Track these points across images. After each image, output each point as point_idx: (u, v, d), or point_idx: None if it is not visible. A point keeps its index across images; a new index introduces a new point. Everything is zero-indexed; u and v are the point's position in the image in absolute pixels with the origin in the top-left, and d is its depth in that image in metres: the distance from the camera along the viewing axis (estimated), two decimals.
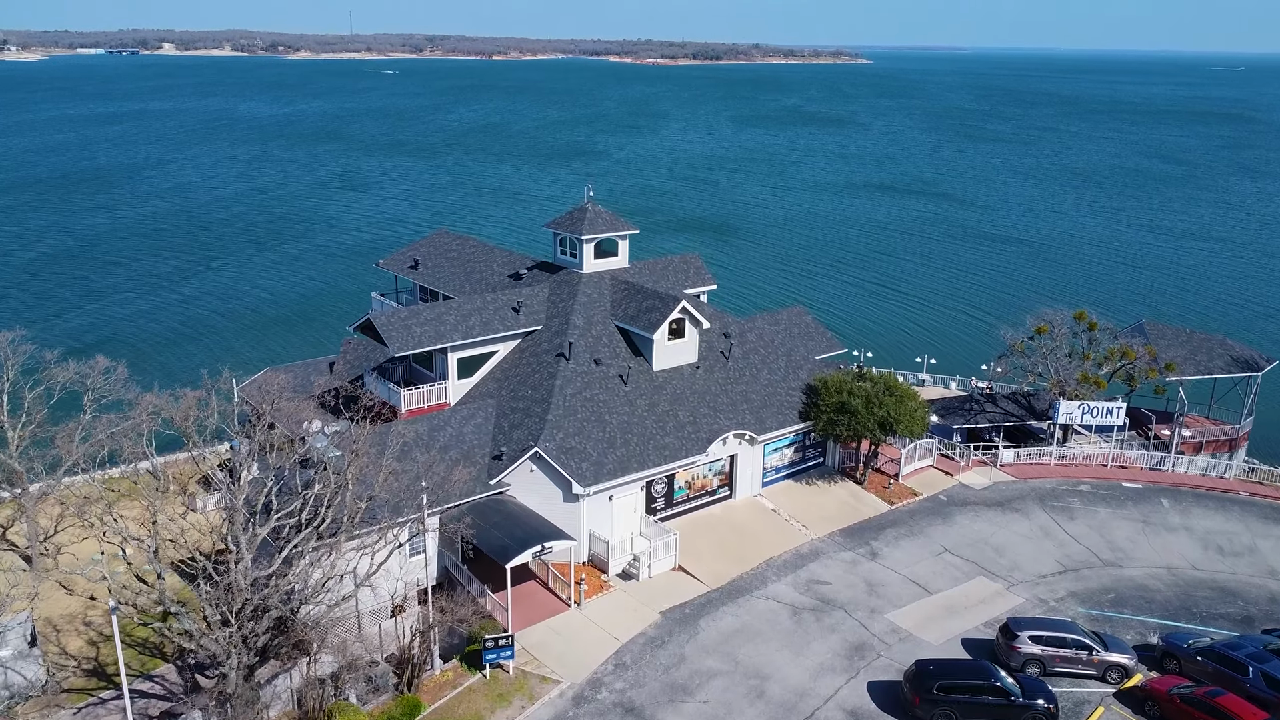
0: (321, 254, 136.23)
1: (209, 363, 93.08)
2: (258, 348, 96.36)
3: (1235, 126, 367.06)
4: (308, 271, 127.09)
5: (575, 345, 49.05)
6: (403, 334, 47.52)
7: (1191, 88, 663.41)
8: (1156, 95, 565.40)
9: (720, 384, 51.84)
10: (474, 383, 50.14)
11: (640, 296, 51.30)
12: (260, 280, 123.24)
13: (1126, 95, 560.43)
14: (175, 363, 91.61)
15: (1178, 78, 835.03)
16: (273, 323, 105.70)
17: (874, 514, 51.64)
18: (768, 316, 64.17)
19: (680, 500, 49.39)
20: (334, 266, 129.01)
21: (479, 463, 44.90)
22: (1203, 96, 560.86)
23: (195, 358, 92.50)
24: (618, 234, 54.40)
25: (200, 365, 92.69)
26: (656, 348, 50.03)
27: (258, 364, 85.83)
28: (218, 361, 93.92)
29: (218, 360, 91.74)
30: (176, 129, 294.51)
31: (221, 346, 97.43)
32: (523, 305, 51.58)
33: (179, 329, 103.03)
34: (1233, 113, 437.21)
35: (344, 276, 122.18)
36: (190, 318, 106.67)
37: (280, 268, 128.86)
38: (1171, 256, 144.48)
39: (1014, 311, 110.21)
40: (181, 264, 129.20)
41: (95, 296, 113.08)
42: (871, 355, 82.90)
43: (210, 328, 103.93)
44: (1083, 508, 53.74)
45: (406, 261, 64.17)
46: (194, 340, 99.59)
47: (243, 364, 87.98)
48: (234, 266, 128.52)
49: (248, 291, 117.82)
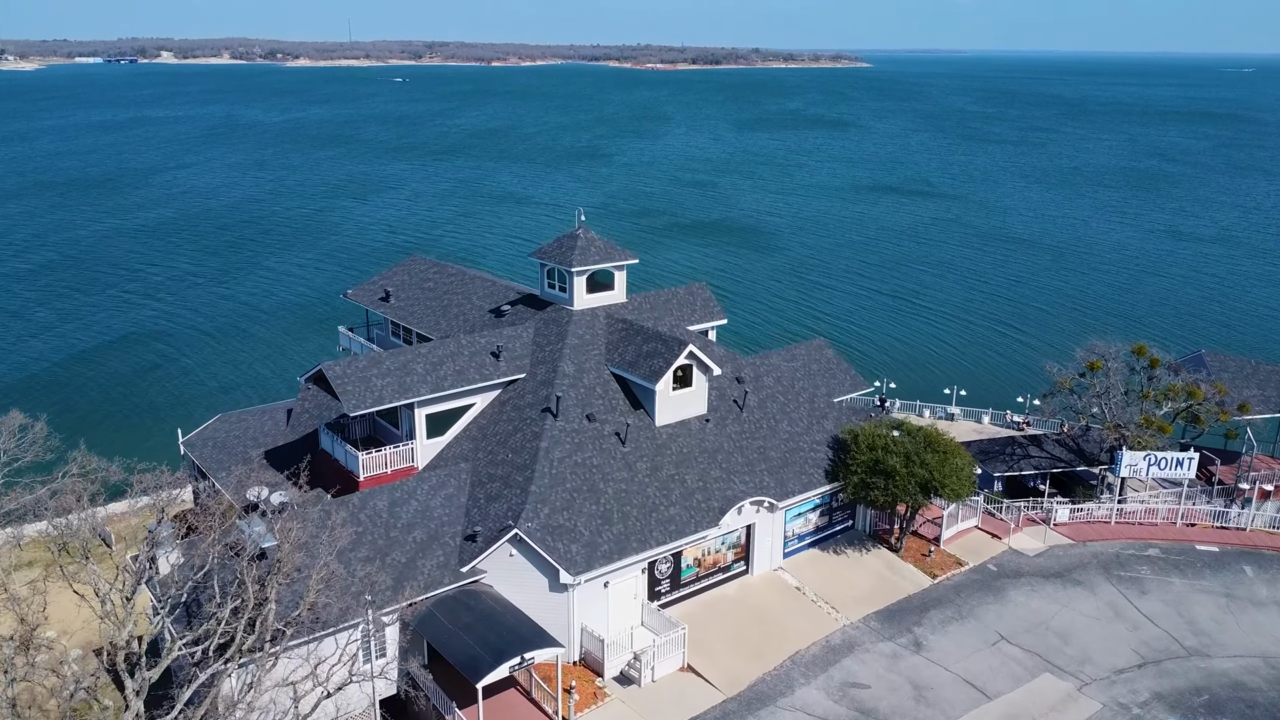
0: (305, 267, 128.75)
1: (163, 400, 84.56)
2: (222, 381, 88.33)
3: (1237, 127, 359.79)
4: (288, 289, 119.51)
5: (564, 399, 41.83)
6: (360, 389, 40.31)
7: (1201, 89, 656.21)
8: (1162, 96, 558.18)
9: (734, 439, 44.58)
10: (446, 442, 42.93)
11: (640, 338, 44.08)
12: (235, 296, 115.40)
13: (1129, 97, 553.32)
14: (126, 400, 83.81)
15: (1185, 79, 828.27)
16: (241, 351, 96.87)
17: (914, 590, 44.34)
18: (785, 352, 56.99)
19: (689, 580, 42.13)
20: (319, 282, 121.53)
21: (449, 545, 37.66)
22: (1215, 98, 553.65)
23: (148, 394, 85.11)
24: (614, 264, 47.22)
25: (154, 403, 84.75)
26: (659, 400, 42.81)
27: (220, 401, 78.70)
28: (173, 400, 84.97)
29: (175, 397, 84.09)
30: (186, 135, 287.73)
31: (181, 379, 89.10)
32: (503, 350, 44.37)
33: (131, 360, 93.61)
34: (1234, 113, 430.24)
35: (326, 297, 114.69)
36: (150, 344, 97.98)
37: (258, 281, 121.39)
38: (1206, 267, 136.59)
39: (1048, 331, 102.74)
40: (149, 275, 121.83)
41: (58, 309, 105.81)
42: (895, 386, 75.63)
43: (169, 357, 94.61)
44: (1154, 578, 46.41)
45: (377, 292, 57.03)
46: (150, 373, 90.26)
47: (204, 401, 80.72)
48: (205, 278, 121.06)
49: (218, 311, 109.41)
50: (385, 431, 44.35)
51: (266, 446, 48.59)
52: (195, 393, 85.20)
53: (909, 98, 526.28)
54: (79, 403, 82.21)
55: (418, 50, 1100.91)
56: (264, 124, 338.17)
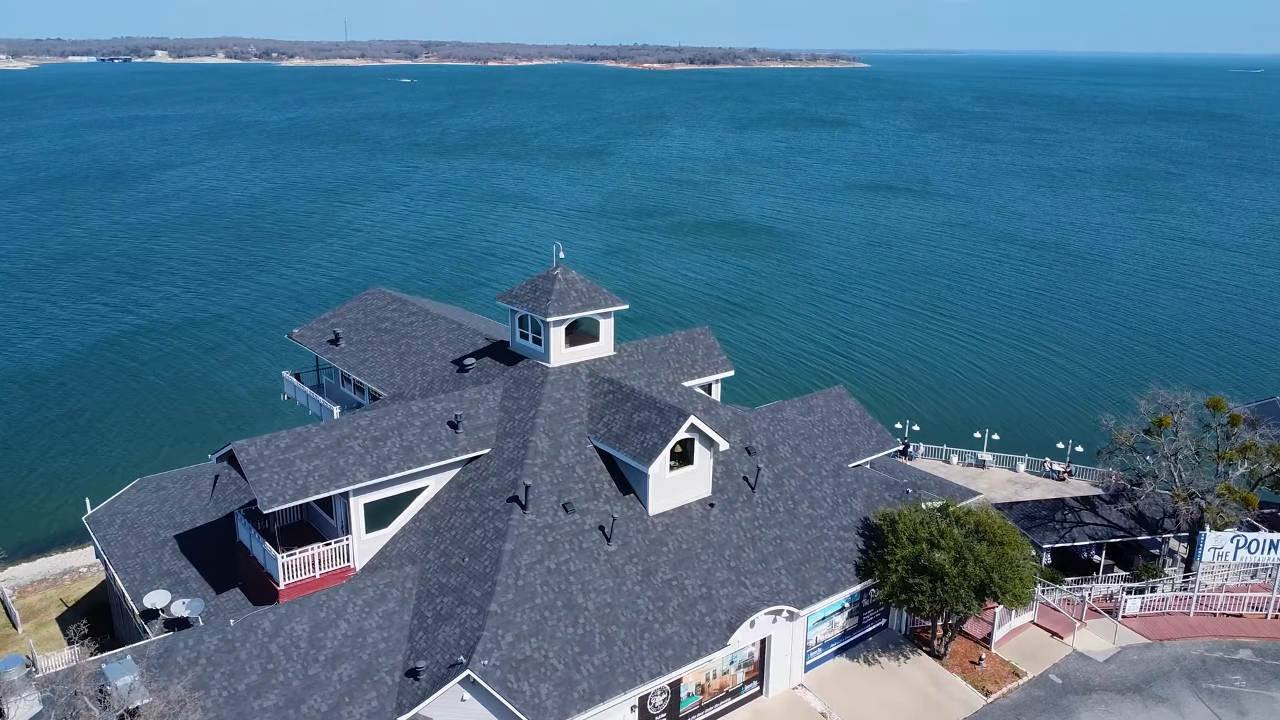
0: (275, 279, 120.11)
1: (77, 455, 68.39)
2: (151, 427, 74.58)
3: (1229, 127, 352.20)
4: (247, 305, 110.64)
5: (535, 486, 33.79)
6: (279, 477, 32.23)
7: (1215, 89, 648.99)
8: (1166, 98, 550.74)
9: (744, 529, 36.56)
10: (390, 535, 34.92)
11: (630, 405, 36.05)
12: (187, 323, 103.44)
13: (1134, 98, 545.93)
14: (30, 455, 69.83)
15: (1195, 80, 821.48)
16: (177, 391, 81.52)
17: (965, 713, 36.32)
18: (800, 404, 49.00)
19: (689, 710, 34.13)
20: (282, 301, 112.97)
21: (385, 683, 29.63)
22: (1227, 99, 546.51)
23: (56, 450, 70.85)
24: (598, 312, 39.17)
25: (65, 459, 67.12)
26: (654, 484, 34.80)
27: (146, 454, 68.54)
28: (89, 455, 68.59)
29: (91, 451, 69.62)
30: (189, 132, 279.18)
31: (102, 426, 74.73)
32: (463, 419, 36.34)
33: (41, 406, 78.15)
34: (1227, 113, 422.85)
35: (289, 318, 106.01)
36: (64, 385, 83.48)
37: (213, 301, 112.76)
38: (1268, 289, 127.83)
39: (1090, 359, 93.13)
40: (85, 299, 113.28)
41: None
42: (918, 428, 67.72)
43: (89, 402, 79.51)
44: (1252, 692, 38.44)
45: (325, 333, 49.03)
46: (62, 423, 75.18)
47: (129, 454, 68.96)
48: (152, 299, 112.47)
49: (159, 335, 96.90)
50: (318, 518, 36.32)
51: (184, 526, 40.51)
52: (118, 444, 72.26)
53: (909, 97, 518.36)
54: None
55: (414, 50, 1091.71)
56: (262, 122, 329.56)
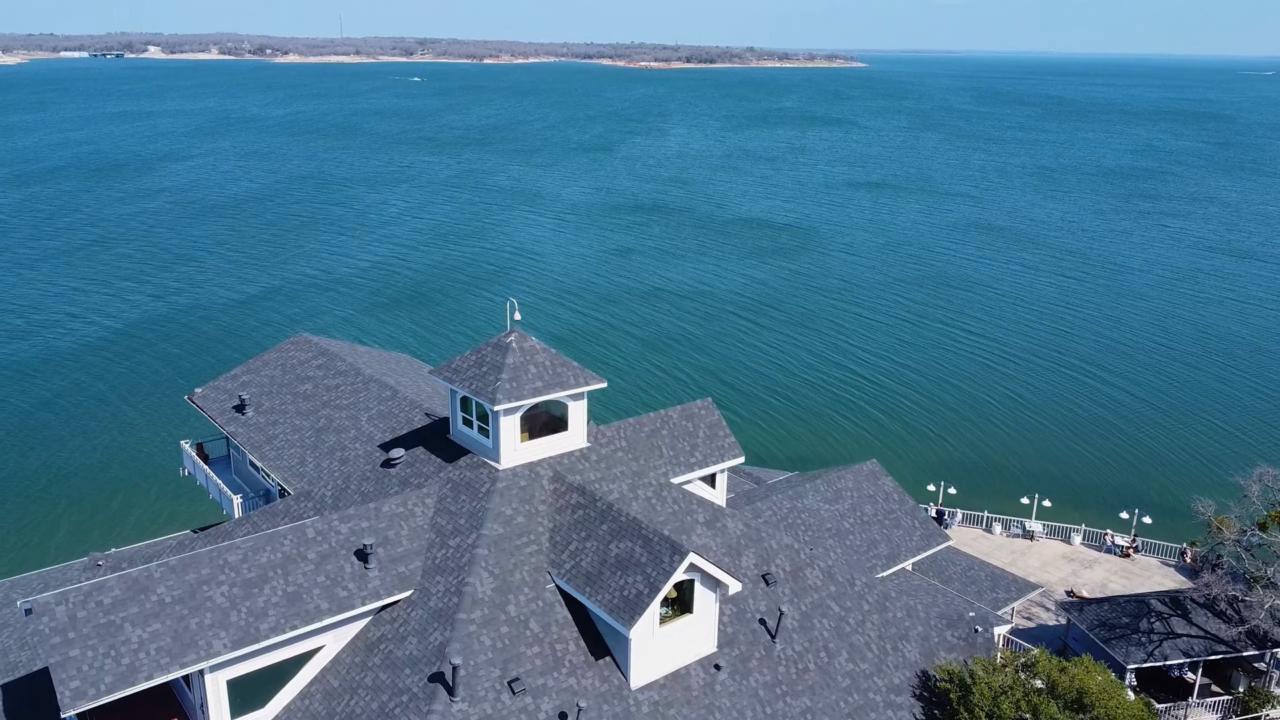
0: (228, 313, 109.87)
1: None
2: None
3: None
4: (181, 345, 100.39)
5: (471, 657, 23.87)
6: (97, 652, 22.28)
7: (1230, 92, 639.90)
8: (1171, 98, 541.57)
9: (763, 700, 26.70)
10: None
11: (607, 530, 26.17)
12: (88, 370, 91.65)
13: (1136, 99, 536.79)
14: None
15: (1202, 81, 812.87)
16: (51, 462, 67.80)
17: None
18: (825, 484, 39.30)
19: None
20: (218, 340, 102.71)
21: None
22: (1235, 100, 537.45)
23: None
24: (566, 394, 29.24)
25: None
26: (637, 648, 24.93)
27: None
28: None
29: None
30: (187, 127, 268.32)
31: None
32: (376, 549, 26.42)
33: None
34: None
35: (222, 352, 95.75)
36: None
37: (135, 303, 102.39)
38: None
39: (1156, 408, 79.74)
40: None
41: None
42: (954, 492, 57.91)
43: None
44: None
45: (230, 397, 39.11)
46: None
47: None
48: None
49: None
50: (178, 695, 26.41)
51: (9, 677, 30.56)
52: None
53: (908, 96, 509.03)
54: None
55: (409, 47, 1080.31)
56: (261, 118, 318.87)
